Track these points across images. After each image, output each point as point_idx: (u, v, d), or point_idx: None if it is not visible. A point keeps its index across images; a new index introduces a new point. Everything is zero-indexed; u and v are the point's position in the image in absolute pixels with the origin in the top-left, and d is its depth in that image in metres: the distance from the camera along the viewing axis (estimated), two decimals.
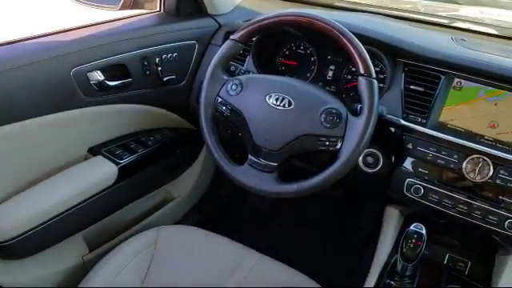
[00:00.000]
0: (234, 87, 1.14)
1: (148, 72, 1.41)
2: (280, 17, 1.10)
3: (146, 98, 1.46)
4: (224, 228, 1.95)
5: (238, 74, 1.22)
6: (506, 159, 1.08)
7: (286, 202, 2.15)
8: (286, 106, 1.08)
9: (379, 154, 1.25)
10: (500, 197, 1.11)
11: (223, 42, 1.18)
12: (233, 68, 1.25)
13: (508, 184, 1.08)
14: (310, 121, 1.06)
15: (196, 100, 1.52)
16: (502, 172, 1.09)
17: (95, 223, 1.40)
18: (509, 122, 1.12)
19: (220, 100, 1.15)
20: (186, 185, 1.82)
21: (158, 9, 1.55)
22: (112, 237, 1.49)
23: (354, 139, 1.02)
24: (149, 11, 1.54)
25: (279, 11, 1.13)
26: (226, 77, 1.17)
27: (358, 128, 1.03)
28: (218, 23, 1.58)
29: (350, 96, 1.38)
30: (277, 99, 1.08)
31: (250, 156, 1.14)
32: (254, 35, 1.16)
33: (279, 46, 1.46)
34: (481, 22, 1.59)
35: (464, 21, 1.60)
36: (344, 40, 1.04)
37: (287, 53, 1.46)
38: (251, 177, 1.12)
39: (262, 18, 1.12)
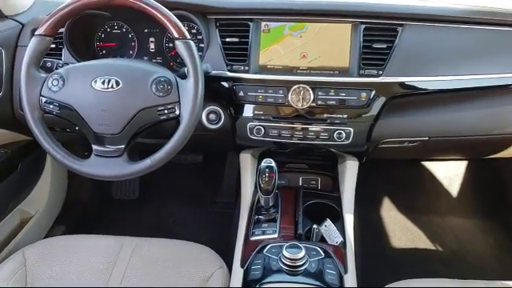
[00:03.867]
0: (55, 82, 1.10)
1: None
2: (78, 1, 1.07)
3: None
4: (97, 228, 1.90)
5: (57, 69, 1.17)
6: (319, 81, 1.25)
7: (153, 183, 2.17)
8: (114, 86, 1.07)
9: (219, 109, 1.33)
10: (325, 115, 1.29)
11: None
12: (49, 64, 1.20)
13: (327, 102, 1.25)
14: (143, 94, 1.08)
15: (21, 108, 1.42)
16: (320, 93, 1.25)
17: None
18: (315, 50, 1.28)
19: (45, 99, 1.10)
20: (41, 198, 1.72)
21: None
22: None
23: (189, 100, 1.08)
24: None
25: None
26: (43, 74, 1.12)
27: (189, 89, 1.08)
28: (21, 23, 1.47)
29: (177, 62, 1.42)
30: (103, 82, 1.08)
31: (94, 147, 1.12)
32: (59, 26, 1.12)
33: (93, 31, 1.43)
34: None
35: None
36: (150, 9, 1.07)
37: (103, 36, 1.44)
38: (101, 166, 1.12)
39: (61, 6, 1.09)
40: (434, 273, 1.16)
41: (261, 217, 1.28)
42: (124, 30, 1.42)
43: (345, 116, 1.27)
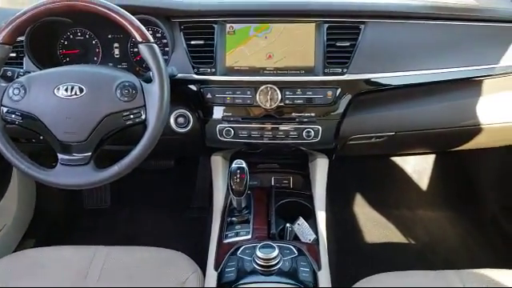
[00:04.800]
0: (16, 92, 1.07)
1: None
2: (37, 8, 1.05)
3: None
4: (69, 239, 1.86)
5: (18, 78, 1.14)
6: (286, 81, 1.26)
7: (125, 190, 2.14)
8: (78, 93, 1.06)
9: (187, 113, 1.32)
10: (293, 114, 1.29)
11: None
12: (10, 73, 1.16)
13: (295, 101, 1.26)
14: (107, 100, 1.06)
15: None
16: (287, 93, 1.26)
17: None
18: (280, 50, 1.28)
19: (6, 109, 1.08)
20: (8, 211, 1.67)
21: None
22: None
23: (154, 104, 1.07)
24: None
25: (38, 2, 1.07)
26: (3, 84, 1.09)
27: (154, 93, 1.07)
28: None
29: (143, 67, 1.41)
30: (66, 89, 1.06)
31: (60, 155, 1.10)
32: (18, 33, 1.09)
33: (55, 38, 1.40)
34: None
35: None
36: (112, 14, 1.05)
37: (66, 43, 1.41)
38: (68, 175, 1.09)
39: (19, 13, 1.06)
40: (407, 266, 1.17)
41: (234, 219, 1.28)
42: (87, 36, 1.40)
43: (313, 114, 1.28)
